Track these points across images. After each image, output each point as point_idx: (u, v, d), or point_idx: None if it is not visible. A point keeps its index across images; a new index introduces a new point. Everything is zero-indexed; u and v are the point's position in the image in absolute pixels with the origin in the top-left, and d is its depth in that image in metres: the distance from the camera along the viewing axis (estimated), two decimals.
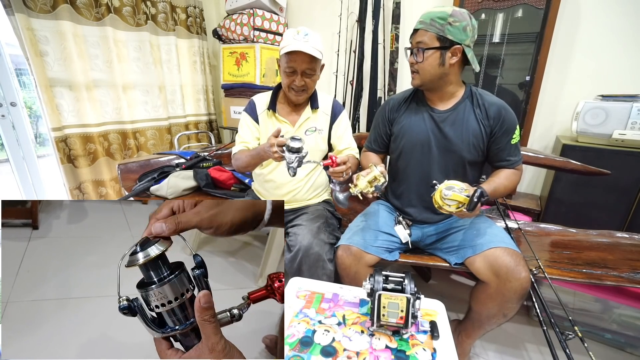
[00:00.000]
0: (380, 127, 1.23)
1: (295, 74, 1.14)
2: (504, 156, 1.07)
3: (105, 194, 2.07)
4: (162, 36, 2.26)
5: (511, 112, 1.05)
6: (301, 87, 1.17)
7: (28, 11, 1.60)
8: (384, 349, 0.71)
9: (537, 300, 0.99)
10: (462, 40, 0.97)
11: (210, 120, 2.78)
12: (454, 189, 0.87)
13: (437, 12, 0.97)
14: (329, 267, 1.11)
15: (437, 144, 1.09)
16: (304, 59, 1.11)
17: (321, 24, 2.34)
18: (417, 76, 1.05)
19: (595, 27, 1.61)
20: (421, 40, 1.00)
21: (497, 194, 1.04)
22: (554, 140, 1.77)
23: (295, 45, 1.09)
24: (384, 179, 0.94)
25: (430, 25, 0.97)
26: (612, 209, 1.46)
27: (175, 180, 1.55)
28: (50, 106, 1.74)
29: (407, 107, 1.17)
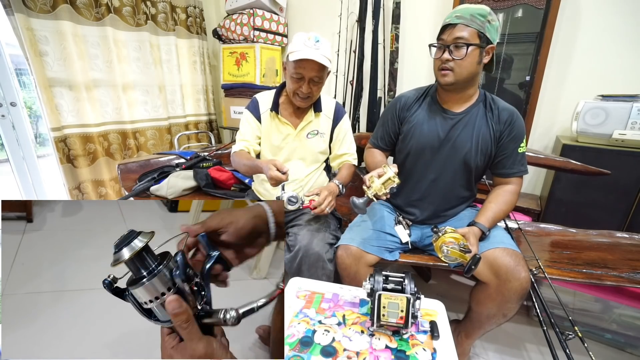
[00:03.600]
0: (389, 124, 1.19)
1: (303, 81, 1.12)
2: (509, 164, 1.06)
3: (105, 194, 2.07)
4: (162, 36, 2.26)
5: (522, 120, 1.05)
6: (307, 94, 1.15)
7: (28, 11, 1.59)
8: (384, 349, 0.71)
9: (537, 300, 0.99)
10: (494, 40, 0.97)
11: (210, 120, 2.78)
12: (453, 244, 0.89)
13: (477, 9, 0.94)
14: (328, 267, 1.11)
15: (446, 146, 1.07)
16: (314, 67, 1.09)
17: (321, 23, 2.34)
18: (451, 74, 0.97)
19: (595, 27, 1.61)
20: (461, 36, 0.93)
21: (497, 222, 1.05)
22: (554, 140, 1.77)
23: (306, 52, 1.06)
24: (398, 181, 0.92)
25: (471, 21, 0.93)
26: (612, 209, 1.46)
27: (175, 180, 1.55)
28: (50, 106, 1.74)
29: (419, 106, 1.14)
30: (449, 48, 0.96)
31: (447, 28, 0.97)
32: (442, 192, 1.12)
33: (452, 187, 1.12)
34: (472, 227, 0.99)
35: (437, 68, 1.01)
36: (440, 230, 0.92)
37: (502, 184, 1.10)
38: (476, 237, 0.96)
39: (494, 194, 1.09)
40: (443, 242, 0.90)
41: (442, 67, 0.99)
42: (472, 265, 0.86)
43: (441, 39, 0.99)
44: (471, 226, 1.00)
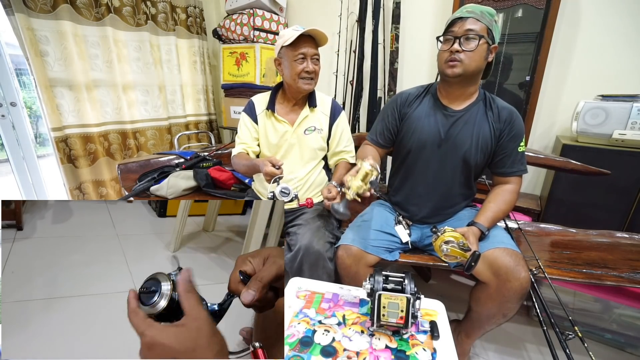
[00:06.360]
0: (389, 119, 1.18)
1: (306, 60, 1.16)
2: (509, 163, 1.06)
3: (105, 194, 2.07)
4: (162, 36, 2.25)
5: (521, 119, 1.05)
6: (312, 73, 1.19)
7: (28, 11, 1.59)
8: (384, 349, 0.71)
9: (537, 300, 0.99)
10: (497, 41, 0.99)
11: (210, 120, 2.78)
12: (452, 243, 0.89)
13: (485, 8, 0.97)
14: (329, 266, 1.11)
15: (446, 143, 1.07)
16: (312, 44, 1.16)
17: (321, 24, 2.33)
18: (459, 65, 0.97)
19: (595, 27, 1.61)
20: (473, 29, 0.94)
21: (496, 222, 1.05)
22: (554, 140, 1.77)
23: (300, 32, 1.11)
24: (377, 172, 0.91)
25: (482, 17, 0.95)
26: (612, 209, 1.46)
27: (175, 180, 1.55)
28: (50, 106, 1.74)
29: (419, 103, 1.14)
30: (459, 40, 0.96)
31: (457, 22, 0.98)
32: (441, 189, 1.12)
33: (451, 184, 1.12)
34: (472, 227, 0.99)
35: (444, 60, 1.01)
36: (440, 230, 0.93)
37: (502, 184, 1.10)
38: (475, 237, 0.96)
39: (493, 194, 1.09)
40: (443, 241, 0.90)
41: (451, 59, 0.98)
42: (472, 262, 0.86)
43: (451, 31, 0.99)
44: (470, 226, 1.00)
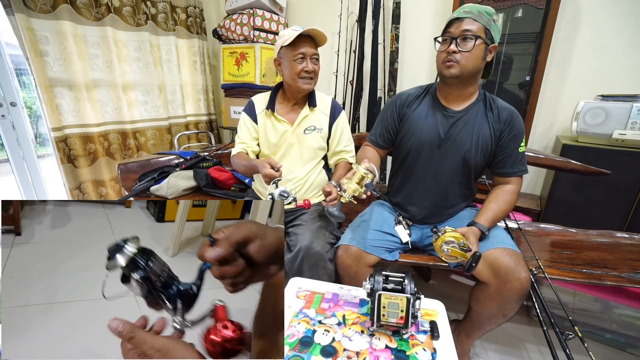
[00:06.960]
0: (388, 120, 1.18)
1: (305, 60, 1.16)
2: (509, 163, 1.06)
3: (105, 194, 2.07)
4: (162, 36, 2.25)
5: (521, 119, 1.05)
6: (312, 72, 1.19)
7: (28, 11, 1.59)
8: (384, 349, 0.71)
9: (537, 300, 0.99)
10: (496, 41, 0.99)
11: (210, 120, 2.78)
12: (453, 243, 0.89)
13: (483, 7, 0.97)
14: (329, 266, 1.11)
15: (446, 144, 1.07)
16: (311, 44, 1.17)
17: (321, 24, 2.33)
18: (456, 65, 0.97)
19: (595, 27, 1.61)
20: (469, 29, 0.95)
21: (496, 222, 1.05)
22: (554, 140, 1.77)
23: (299, 32, 1.11)
24: (372, 174, 0.91)
25: (479, 17, 0.95)
26: (612, 209, 1.46)
27: (175, 180, 1.55)
28: (50, 106, 1.74)
29: (419, 104, 1.14)
30: (456, 40, 0.97)
31: (454, 22, 0.98)
32: (441, 189, 1.12)
33: (451, 185, 1.12)
34: (472, 227, 0.99)
35: (441, 61, 1.01)
36: (440, 230, 0.92)
37: (502, 184, 1.10)
38: (476, 237, 0.96)
39: (493, 194, 1.09)
40: (443, 241, 0.90)
41: (448, 60, 0.98)
42: (472, 263, 0.86)
43: (448, 31, 0.99)
44: (471, 226, 1.00)
